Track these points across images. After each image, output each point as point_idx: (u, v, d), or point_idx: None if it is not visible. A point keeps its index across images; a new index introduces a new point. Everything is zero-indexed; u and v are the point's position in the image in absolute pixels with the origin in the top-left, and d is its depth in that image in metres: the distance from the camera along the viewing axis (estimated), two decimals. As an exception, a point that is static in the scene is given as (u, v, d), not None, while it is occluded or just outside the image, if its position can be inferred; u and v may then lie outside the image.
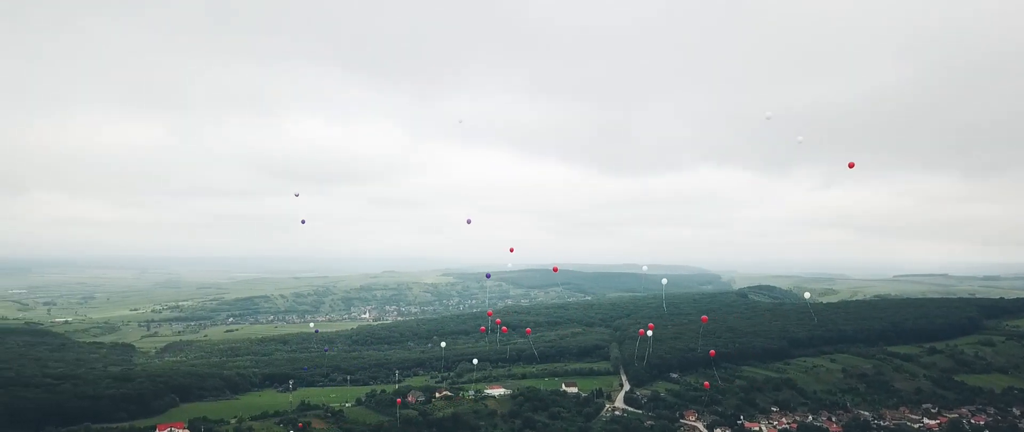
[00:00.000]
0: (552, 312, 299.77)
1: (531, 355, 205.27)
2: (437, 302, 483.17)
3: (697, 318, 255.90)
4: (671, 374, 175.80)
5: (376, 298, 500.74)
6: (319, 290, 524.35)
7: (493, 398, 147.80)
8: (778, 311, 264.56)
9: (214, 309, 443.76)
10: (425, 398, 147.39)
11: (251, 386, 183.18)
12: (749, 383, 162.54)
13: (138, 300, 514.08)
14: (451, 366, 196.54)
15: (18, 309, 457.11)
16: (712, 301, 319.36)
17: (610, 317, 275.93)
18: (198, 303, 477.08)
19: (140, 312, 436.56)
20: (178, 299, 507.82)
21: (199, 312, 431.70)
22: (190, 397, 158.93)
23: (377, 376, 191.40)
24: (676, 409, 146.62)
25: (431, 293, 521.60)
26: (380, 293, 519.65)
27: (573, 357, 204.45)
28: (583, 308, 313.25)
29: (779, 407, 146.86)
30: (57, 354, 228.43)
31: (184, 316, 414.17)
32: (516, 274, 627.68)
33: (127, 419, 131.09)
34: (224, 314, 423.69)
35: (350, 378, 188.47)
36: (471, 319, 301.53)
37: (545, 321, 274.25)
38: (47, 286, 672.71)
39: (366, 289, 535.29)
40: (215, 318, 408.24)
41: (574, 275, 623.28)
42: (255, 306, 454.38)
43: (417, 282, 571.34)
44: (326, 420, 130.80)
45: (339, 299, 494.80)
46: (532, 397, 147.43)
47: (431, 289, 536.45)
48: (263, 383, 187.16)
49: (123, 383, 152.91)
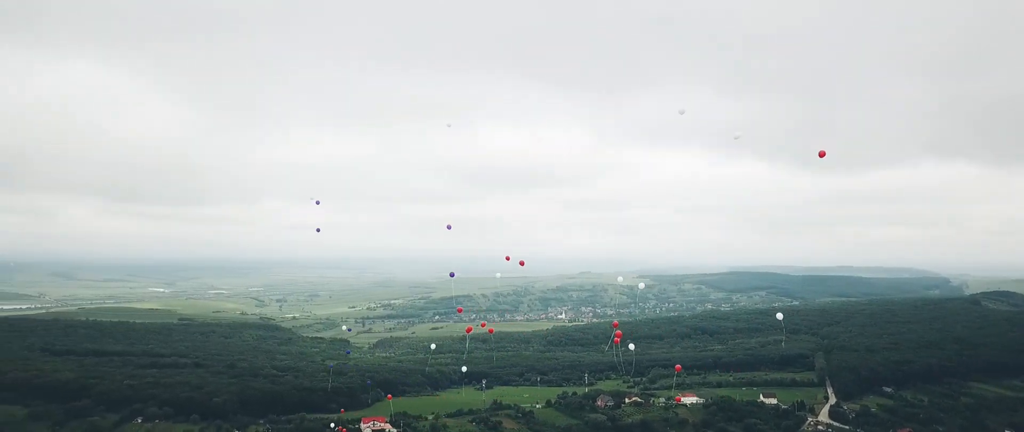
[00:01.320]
0: (753, 318, 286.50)
1: (728, 363, 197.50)
2: (632, 305, 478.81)
3: (916, 326, 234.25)
4: (884, 388, 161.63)
5: (572, 299, 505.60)
6: (518, 290, 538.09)
7: (685, 406, 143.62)
8: (1017, 320, 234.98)
9: (422, 307, 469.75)
10: (614, 403, 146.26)
11: (450, 383, 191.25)
12: (977, 402, 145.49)
13: (355, 298, 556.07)
14: (644, 371, 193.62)
15: (255, 305, 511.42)
16: (936, 308, 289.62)
17: (817, 324, 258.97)
18: (408, 301, 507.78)
19: (357, 309, 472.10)
20: (390, 298, 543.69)
21: (408, 310, 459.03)
22: (395, 391, 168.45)
23: (570, 378, 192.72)
24: (889, 427, 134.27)
25: (627, 295, 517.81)
26: (576, 294, 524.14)
27: (773, 366, 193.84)
28: (787, 314, 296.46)
29: (1014, 431, 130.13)
30: (284, 348, 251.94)
31: (395, 314, 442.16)
32: (717, 277, 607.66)
33: (337, 410, 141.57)
34: (431, 312, 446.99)
35: (543, 379, 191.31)
36: (666, 323, 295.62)
37: (745, 327, 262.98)
38: (279, 285, 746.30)
39: (562, 290, 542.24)
40: (423, 316, 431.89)
41: (779, 278, 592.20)
42: (459, 305, 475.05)
43: (612, 284, 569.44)
44: (516, 420, 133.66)
45: (536, 299, 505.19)
46: (726, 407, 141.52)
47: (627, 291, 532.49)
48: (462, 380, 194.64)
49: (336, 377, 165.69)
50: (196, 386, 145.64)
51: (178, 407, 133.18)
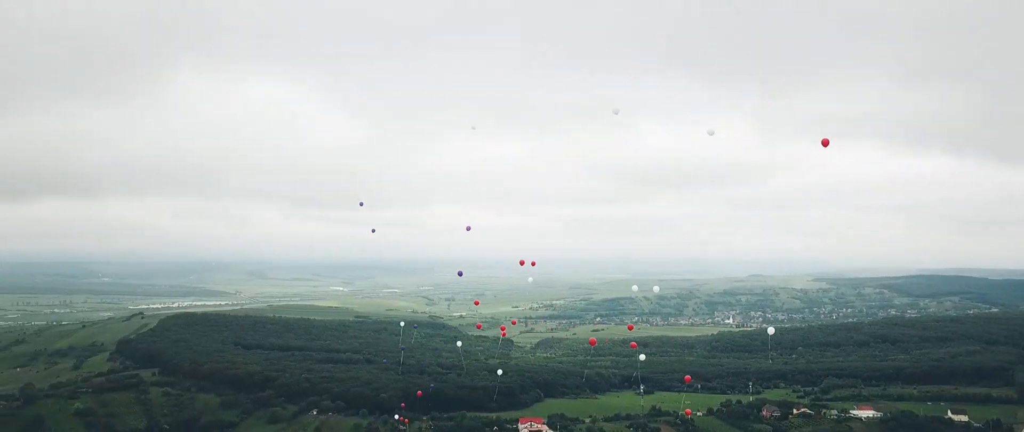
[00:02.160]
0: (942, 325, 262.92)
1: (911, 374, 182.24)
2: (806, 309, 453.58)
3: None
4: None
5: (740, 303, 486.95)
6: (682, 293, 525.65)
7: (859, 420, 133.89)
8: None
9: (583, 308, 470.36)
10: (781, 414, 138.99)
11: (610, 386, 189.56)
12: None
13: (519, 298, 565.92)
14: (815, 381, 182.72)
15: (425, 304, 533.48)
16: None
17: (1020, 334, 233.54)
18: (569, 302, 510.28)
19: (520, 309, 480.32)
20: (552, 298, 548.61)
21: (570, 311, 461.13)
22: (553, 393, 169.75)
23: (734, 385, 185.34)
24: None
25: (800, 299, 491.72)
26: (744, 298, 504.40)
27: (965, 380, 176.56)
28: (983, 321, 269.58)
29: None
30: (449, 346, 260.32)
31: (556, 314, 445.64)
32: (902, 281, 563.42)
33: (497, 410, 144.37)
34: (592, 314, 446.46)
35: (705, 385, 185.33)
36: (842, 330, 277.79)
37: (932, 336, 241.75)
38: (448, 284, 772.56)
39: (730, 293, 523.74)
40: (584, 317, 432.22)
41: (975, 282, 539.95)
42: (620, 307, 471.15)
43: (785, 287, 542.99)
44: (675, 427, 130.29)
45: (702, 303, 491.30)
46: (907, 423, 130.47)
47: (800, 295, 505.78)
48: (621, 384, 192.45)
49: (496, 376, 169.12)
50: (366, 382, 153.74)
51: (349, 401, 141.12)
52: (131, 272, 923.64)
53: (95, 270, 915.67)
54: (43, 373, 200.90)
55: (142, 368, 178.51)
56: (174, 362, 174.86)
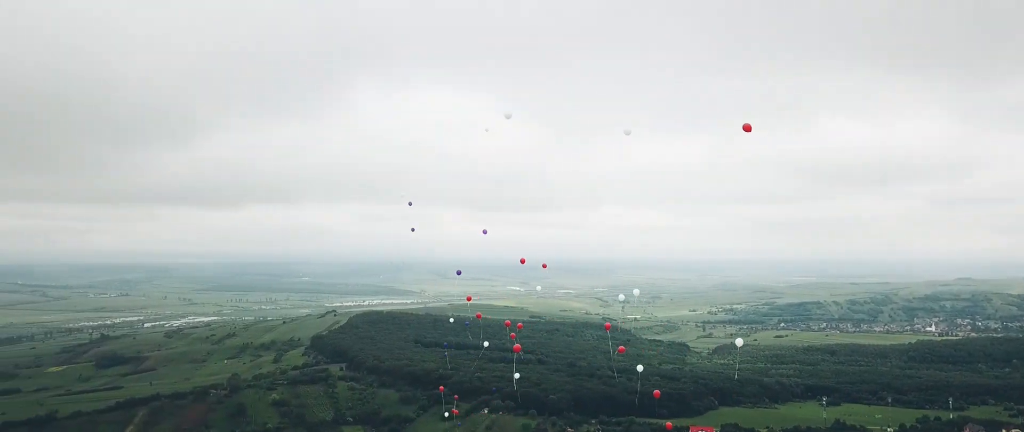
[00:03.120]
0: None
1: None
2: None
3: None
4: None
5: (944, 309, 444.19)
6: (877, 297, 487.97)
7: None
8: None
9: (765, 313, 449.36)
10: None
11: (791, 396, 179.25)
12: None
13: (697, 301, 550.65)
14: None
15: (599, 305, 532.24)
16: None
17: None
18: (750, 306, 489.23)
19: (697, 313, 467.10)
20: (732, 302, 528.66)
21: (751, 315, 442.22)
22: (728, 401, 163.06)
23: (933, 400, 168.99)
24: None
25: (1017, 306, 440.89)
26: (949, 303, 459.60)
27: None
28: None
29: None
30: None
31: (736, 319, 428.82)
32: None
33: (667, 416, 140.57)
34: (775, 319, 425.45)
35: (898, 399, 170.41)
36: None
37: None
38: (622, 286, 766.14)
39: (932, 298, 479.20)
40: (766, 322, 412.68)
41: None
42: (807, 312, 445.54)
43: (999, 292, 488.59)
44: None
45: (900, 308, 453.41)
46: None
47: (1017, 301, 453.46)
48: (805, 394, 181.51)
49: (669, 381, 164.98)
50: (535, 382, 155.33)
51: (518, 401, 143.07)
52: (329, 272, 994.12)
53: (297, 270, 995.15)
54: (248, 365, 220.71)
55: (332, 363, 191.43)
56: (359, 358, 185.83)
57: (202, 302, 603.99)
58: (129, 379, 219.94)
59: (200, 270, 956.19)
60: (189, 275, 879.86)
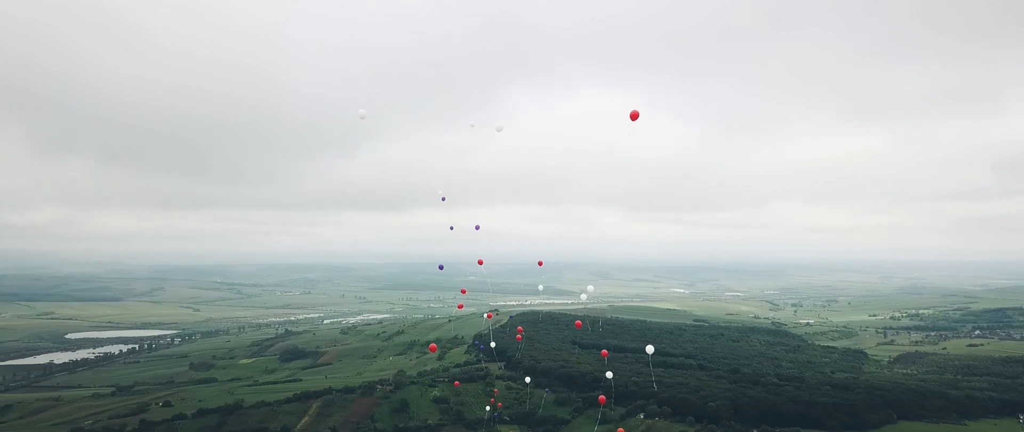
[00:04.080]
0: None
1: None
2: None
3: None
4: None
5: None
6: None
7: None
8: None
9: (957, 319, 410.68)
10: None
11: (984, 412, 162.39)
12: None
13: (878, 305, 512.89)
14: None
15: (769, 308, 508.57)
16: None
17: None
18: (939, 311, 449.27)
19: (878, 318, 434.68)
20: (919, 306, 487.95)
21: (940, 321, 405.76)
22: (909, 415, 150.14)
23: None
24: None
25: None
26: None
27: None
28: None
29: None
30: (791, 355, 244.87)
31: (923, 325, 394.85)
32: None
33: (838, 429, 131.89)
34: (969, 325, 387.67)
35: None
36: None
37: None
38: (796, 288, 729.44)
39: None
40: (958, 329, 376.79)
41: None
42: (1007, 318, 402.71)
43: None
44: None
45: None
46: None
47: None
48: (1000, 410, 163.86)
49: (840, 391, 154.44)
50: (694, 388, 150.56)
51: (676, 407, 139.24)
52: (494, 271, 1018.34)
53: (464, 269, 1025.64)
54: (414, 361, 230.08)
55: (491, 361, 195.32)
56: (517, 357, 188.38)
57: (376, 300, 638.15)
58: (308, 372, 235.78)
59: (375, 270, 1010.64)
60: (365, 274, 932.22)
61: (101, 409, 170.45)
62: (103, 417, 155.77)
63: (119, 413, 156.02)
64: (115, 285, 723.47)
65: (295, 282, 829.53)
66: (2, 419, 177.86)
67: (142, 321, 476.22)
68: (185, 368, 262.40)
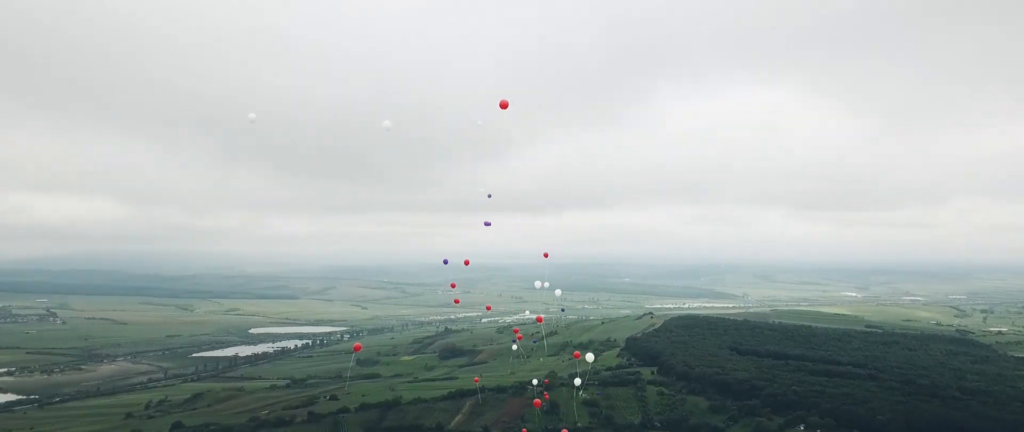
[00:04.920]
0: None
1: None
2: None
3: None
4: None
5: None
6: None
7: None
8: None
9: None
10: None
11: None
12: None
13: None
14: None
15: (954, 315, 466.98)
16: None
17: None
18: None
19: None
20: None
21: None
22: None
23: None
24: None
25: None
26: None
27: None
28: None
29: None
30: (977, 367, 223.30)
31: None
32: None
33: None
34: None
35: None
36: None
37: None
38: (986, 292, 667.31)
39: None
40: None
41: None
42: None
43: None
44: None
45: None
46: None
47: None
48: None
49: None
50: (861, 400, 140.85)
51: (839, 418, 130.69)
52: (650, 273, 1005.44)
53: (620, 271, 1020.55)
54: (566, 363, 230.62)
55: (643, 366, 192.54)
56: (670, 363, 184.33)
57: (532, 300, 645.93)
58: (464, 370, 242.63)
59: (531, 270, 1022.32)
60: (521, 274, 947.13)
61: (276, 400, 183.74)
62: (277, 408, 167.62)
63: (291, 405, 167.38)
64: (292, 284, 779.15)
65: (455, 282, 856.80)
66: (193, 406, 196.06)
67: (315, 318, 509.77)
68: (352, 363, 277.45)
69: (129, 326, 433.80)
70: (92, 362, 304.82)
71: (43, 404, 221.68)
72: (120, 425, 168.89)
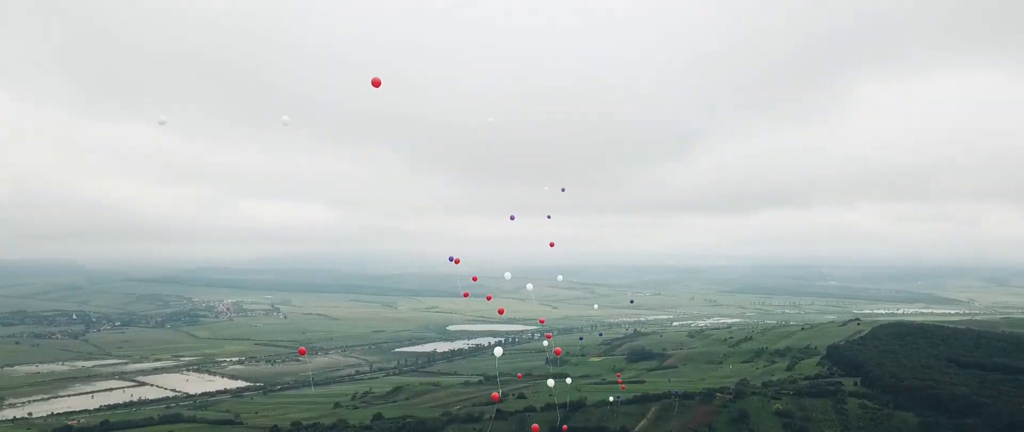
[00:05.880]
0: None
1: None
2: None
3: None
4: None
5: None
6: None
7: None
8: None
9: None
10: None
11: None
12: None
13: None
14: None
15: None
16: None
17: None
18: None
19: None
20: None
21: None
22: None
23: None
24: None
25: None
26: None
27: None
28: None
29: None
30: None
31: None
32: None
33: None
34: None
35: None
36: None
37: None
38: None
39: None
40: None
41: None
42: None
43: None
44: None
45: None
46: None
47: None
48: None
49: None
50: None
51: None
52: (857, 276, 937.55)
53: (823, 274, 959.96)
54: (760, 370, 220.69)
55: (846, 376, 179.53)
56: (875, 373, 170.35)
57: (726, 304, 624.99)
58: (652, 374, 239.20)
59: (725, 272, 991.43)
60: (715, 277, 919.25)
61: (468, 396, 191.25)
62: (468, 404, 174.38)
63: (481, 401, 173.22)
64: (487, 283, 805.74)
65: (645, 283, 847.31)
66: (393, 398, 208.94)
67: (508, 317, 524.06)
68: (541, 362, 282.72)
69: (340, 321, 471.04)
70: (308, 354, 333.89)
71: (267, 391, 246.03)
72: (329, 413, 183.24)
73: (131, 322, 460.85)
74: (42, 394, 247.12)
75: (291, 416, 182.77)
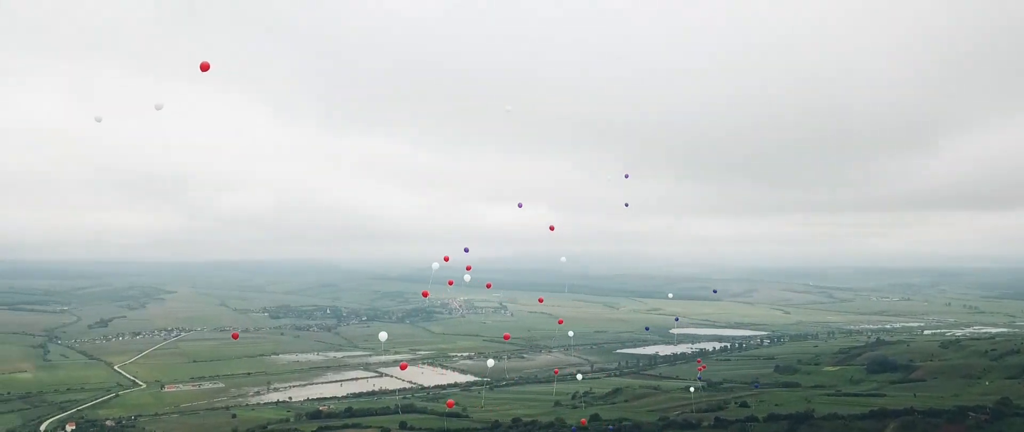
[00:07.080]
0: None
1: None
2: None
3: None
4: None
5: None
6: None
7: None
8: None
9: None
10: None
11: None
12: None
13: None
14: None
15: None
16: None
17: None
18: None
19: None
20: None
21: None
22: None
23: None
24: None
25: None
26: None
27: None
28: None
29: None
30: None
31: None
32: None
33: None
34: None
35: None
36: None
37: None
38: None
39: None
40: None
41: None
42: None
43: None
44: None
45: None
46: None
47: None
48: None
49: None
50: None
51: None
52: None
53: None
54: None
55: None
56: None
57: (990, 311, 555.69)
58: (894, 387, 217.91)
59: (991, 275, 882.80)
60: (978, 281, 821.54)
61: (687, 402, 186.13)
62: (687, 410, 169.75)
63: (700, 408, 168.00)
64: (713, 285, 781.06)
65: (893, 287, 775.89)
66: (612, 400, 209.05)
67: (735, 320, 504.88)
68: (770, 370, 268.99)
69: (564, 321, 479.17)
70: (532, 352, 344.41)
71: (493, 386, 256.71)
72: (549, 411, 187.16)
73: (375, 317, 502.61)
74: (300, 381, 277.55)
75: (513, 412, 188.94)
